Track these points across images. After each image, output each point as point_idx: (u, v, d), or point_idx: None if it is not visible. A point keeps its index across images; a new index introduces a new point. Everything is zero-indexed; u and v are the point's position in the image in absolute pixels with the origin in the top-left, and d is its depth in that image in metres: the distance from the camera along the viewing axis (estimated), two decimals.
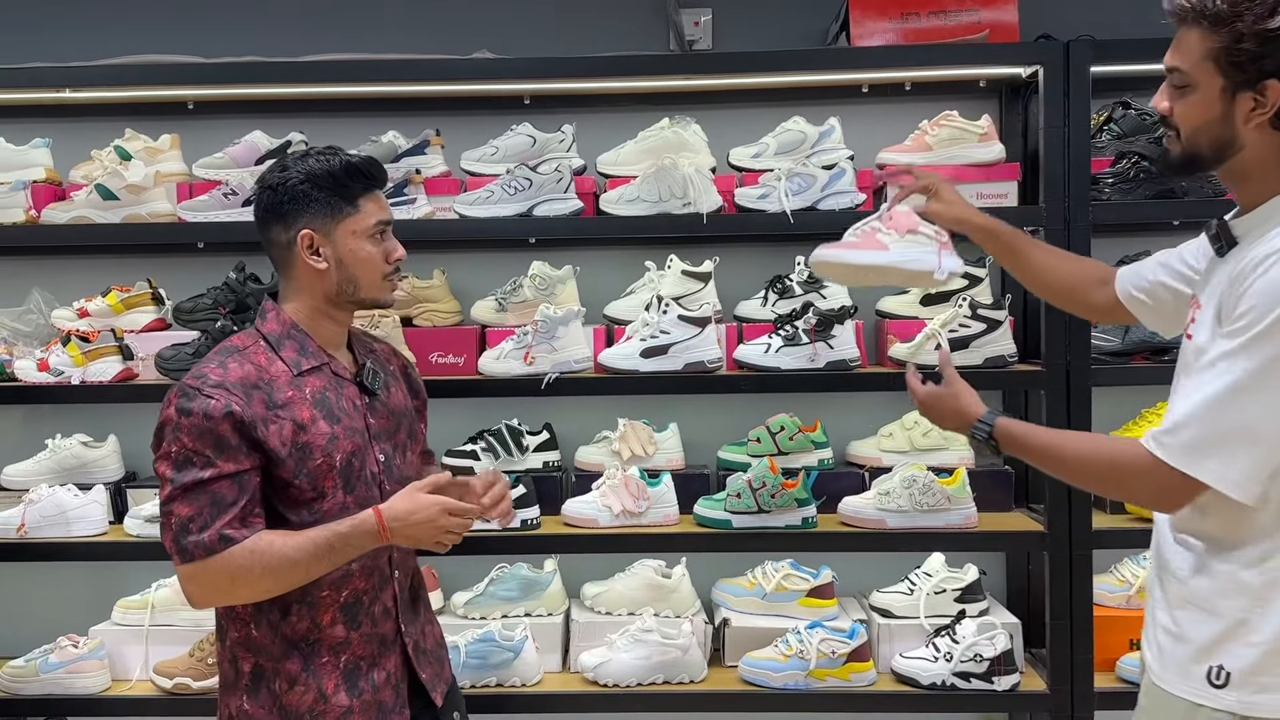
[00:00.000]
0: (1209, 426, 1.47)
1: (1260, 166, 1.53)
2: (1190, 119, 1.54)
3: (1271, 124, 1.50)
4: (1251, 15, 1.45)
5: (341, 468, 1.80)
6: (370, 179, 1.87)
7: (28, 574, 3.02)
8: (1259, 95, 1.48)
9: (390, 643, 1.88)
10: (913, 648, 2.67)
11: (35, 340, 2.93)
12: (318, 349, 1.86)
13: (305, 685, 1.80)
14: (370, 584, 1.85)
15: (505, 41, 2.94)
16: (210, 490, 1.70)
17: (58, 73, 2.79)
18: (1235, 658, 1.52)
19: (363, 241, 1.84)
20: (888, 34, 2.82)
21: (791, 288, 2.82)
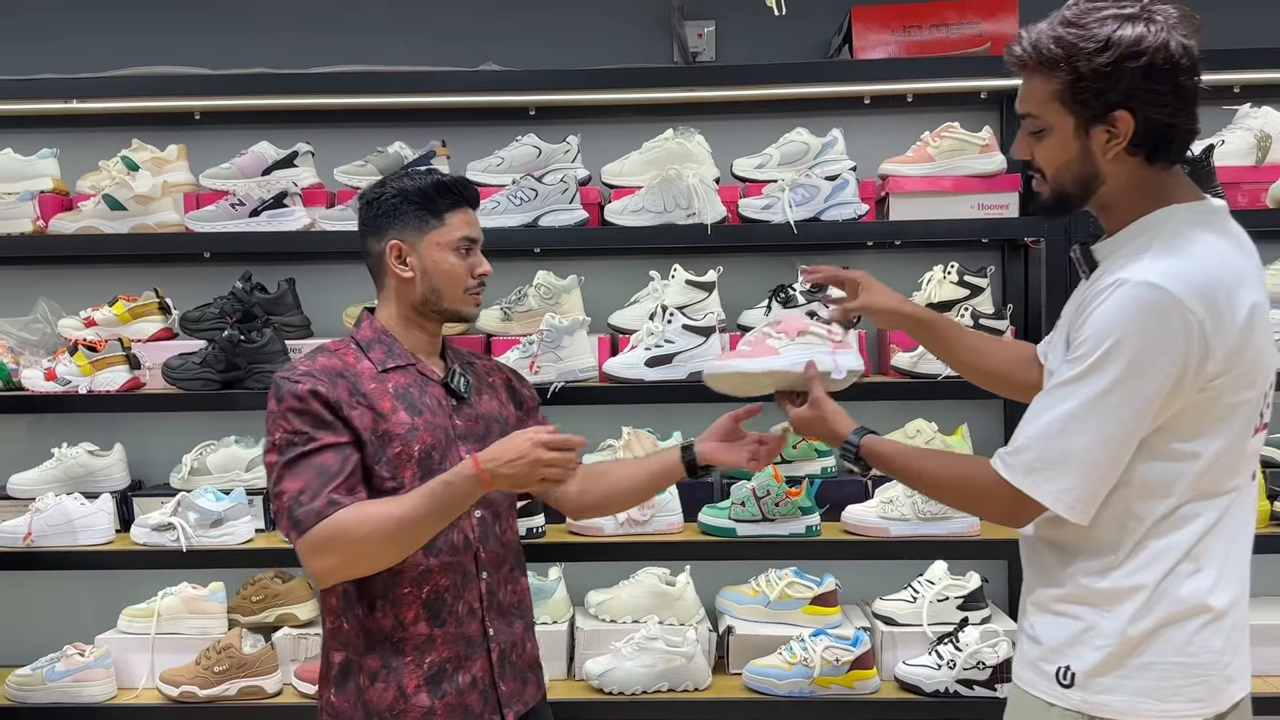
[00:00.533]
0: (1046, 450, 1.53)
1: (1121, 195, 1.57)
2: (1051, 161, 1.58)
3: (1128, 152, 1.53)
4: (1084, 55, 1.48)
5: (420, 458, 1.85)
6: (458, 196, 1.95)
7: (34, 582, 3.02)
8: (1111, 127, 1.51)
9: (477, 645, 1.89)
10: (916, 655, 2.68)
11: (42, 349, 2.94)
12: (405, 352, 1.94)
13: (385, 682, 1.84)
14: (452, 581, 1.87)
15: (511, 54, 2.96)
16: (314, 463, 1.77)
17: (65, 84, 2.81)
18: (1080, 660, 1.58)
19: (447, 253, 1.92)
20: (890, 46, 2.85)
21: (795, 297, 2.83)
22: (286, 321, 2.88)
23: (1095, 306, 1.50)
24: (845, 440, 1.80)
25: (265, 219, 2.78)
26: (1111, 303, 1.48)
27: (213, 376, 2.75)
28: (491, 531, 1.93)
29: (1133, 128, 1.50)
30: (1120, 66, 1.47)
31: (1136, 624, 1.55)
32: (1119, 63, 1.47)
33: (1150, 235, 1.53)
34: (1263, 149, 2.79)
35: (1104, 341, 1.47)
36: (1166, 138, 1.52)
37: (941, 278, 2.83)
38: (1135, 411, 1.49)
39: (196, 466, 2.89)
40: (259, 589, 2.86)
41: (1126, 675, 1.56)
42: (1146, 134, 1.51)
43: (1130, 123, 1.50)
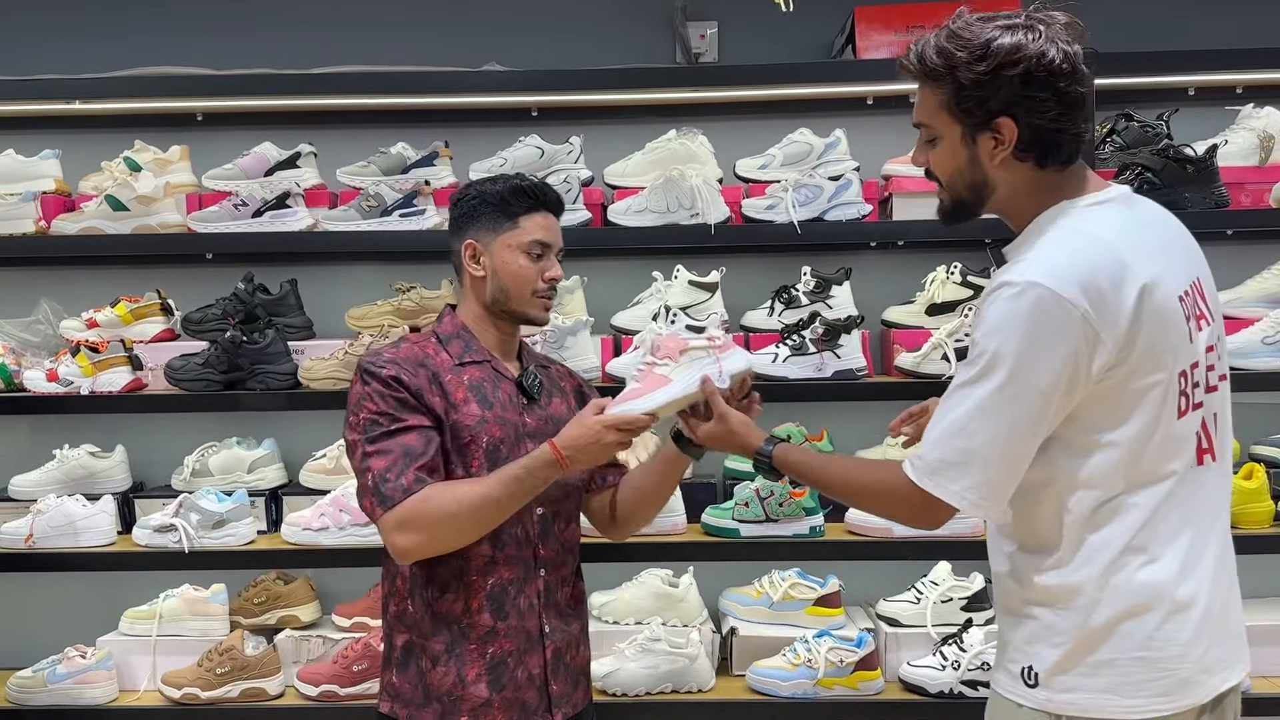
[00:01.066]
0: (947, 451, 1.53)
1: (1015, 198, 1.59)
2: (944, 168, 1.61)
3: (1017, 157, 1.55)
4: (963, 64, 1.51)
5: (487, 450, 1.88)
6: (535, 200, 1.97)
7: (35, 584, 3.01)
8: (996, 134, 1.54)
9: (534, 641, 1.91)
10: (920, 656, 2.67)
11: (44, 351, 2.94)
12: (482, 348, 1.98)
13: (446, 667, 1.88)
14: (515, 574, 1.90)
15: (513, 54, 2.96)
16: (400, 442, 1.82)
17: (68, 84, 2.81)
18: (1041, 658, 1.57)
19: (517, 255, 1.95)
20: (893, 46, 2.85)
21: (798, 298, 2.83)
22: (289, 323, 2.88)
23: (984, 308, 1.53)
24: (757, 450, 1.80)
25: (268, 220, 2.78)
26: (997, 304, 1.50)
27: (215, 377, 2.75)
28: (551, 530, 1.96)
29: (1016, 134, 1.53)
30: (998, 75, 1.50)
31: (1090, 619, 1.54)
32: (997, 71, 1.50)
33: (1036, 234, 1.56)
34: (1266, 149, 2.80)
35: (992, 342, 1.50)
36: (1053, 142, 1.54)
37: (945, 278, 2.83)
38: (1029, 407, 1.50)
39: (198, 468, 2.88)
40: (261, 590, 2.85)
41: (1087, 673, 1.55)
42: (1032, 140, 1.54)
43: (1014, 129, 1.53)
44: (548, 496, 1.91)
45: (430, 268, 2.88)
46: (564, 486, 1.96)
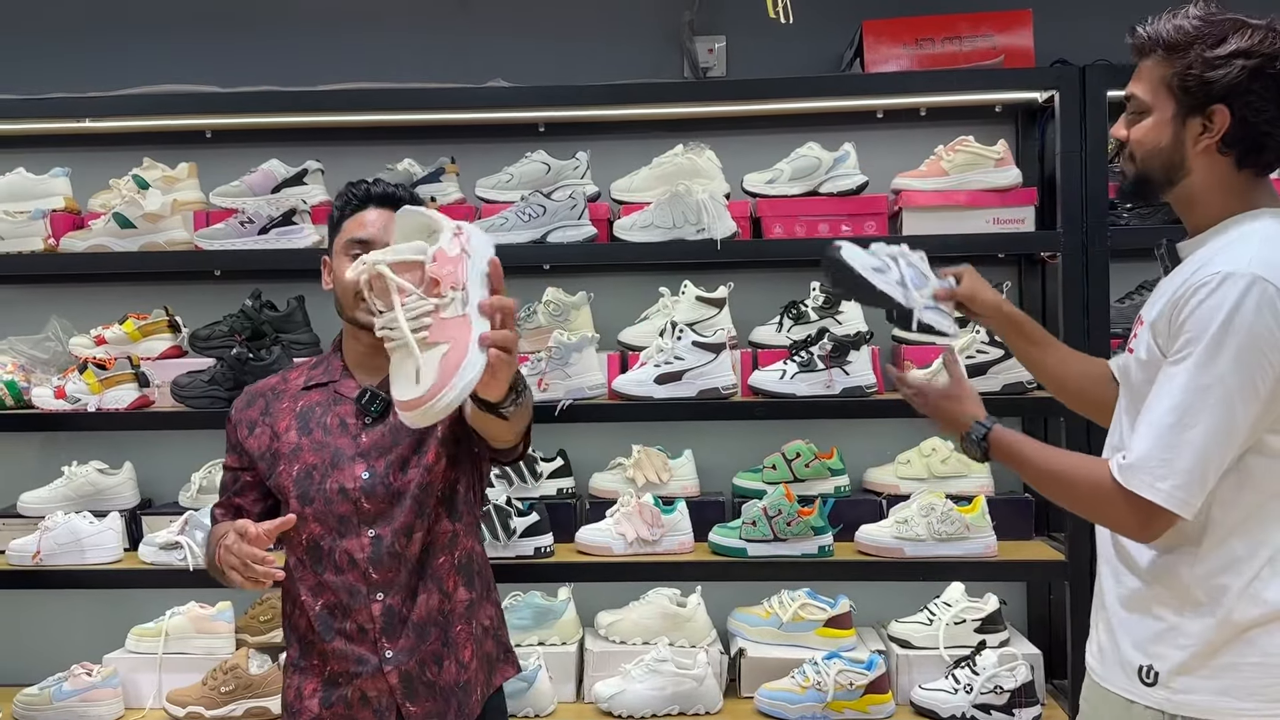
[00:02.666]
0: (1159, 444, 1.51)
1: (1206, 192, 1.61)
2: (1145, 143, 1.63)
3: (1219, 150, 1.58)
4: (1202, 44, 1.55)
5: (298, 477, 1.87)
6: (353, 200, 1.90)
7: (42, 601, 3.02)
8: (1207, 121, 1.57)
9: (371, 667, 1.84)
10: (932, 679, 2.63)
11: (53, 367, 2.95)
12: (337, 368, 1.95)
13: (292, 679, 1.91)
14: (340, 598, 1.85)
15: (520, 70, 2.95)
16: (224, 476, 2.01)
17: (77, 103, 2.82)
18: (1163, 659, 1.59)
19: (342, 260, 1.88)
20: (902, 60, 2.82)
21: (806, 313, 2.80)
22: (295, 339, 2.87)
23: (1199, 300, 1.51)
24: (976, 420, 1.74)
25: (274, 236, 2.78)
26: (1218, 295, 1.49)
27: (221, 394, 2.74)
28: (389, 550, 1.84)
29: (1228, 124, 1.56)
30: (1230, 61, 1.54)
31: (1223, 626, 1.56)
32: (1230, 58, 1.54)
33: (1244, 233, 1.57)
34: None
35: (1210, 332, 1.49)
36: (1259, 144, 1.57)
37: None
38: (1245, 401, 1.49)
39: (205, 485, 2.87)
40: (267, 609, 2.84)
41: (1209, 675, 1.57)
42: (1240, 135, 1.56)
43: (1226, 118, 1.55)
44: (378, 515, 1.83)
45: None
46: (398, 501, 1.83)
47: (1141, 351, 1.62)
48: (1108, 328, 2.60)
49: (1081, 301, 2.62)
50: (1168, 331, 1.56)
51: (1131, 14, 2.44)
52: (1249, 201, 1.60)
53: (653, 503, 2.69)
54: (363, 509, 1.85)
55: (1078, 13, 2.95)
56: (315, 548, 1.86)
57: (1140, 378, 1.62)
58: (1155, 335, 1.59)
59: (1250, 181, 1.60)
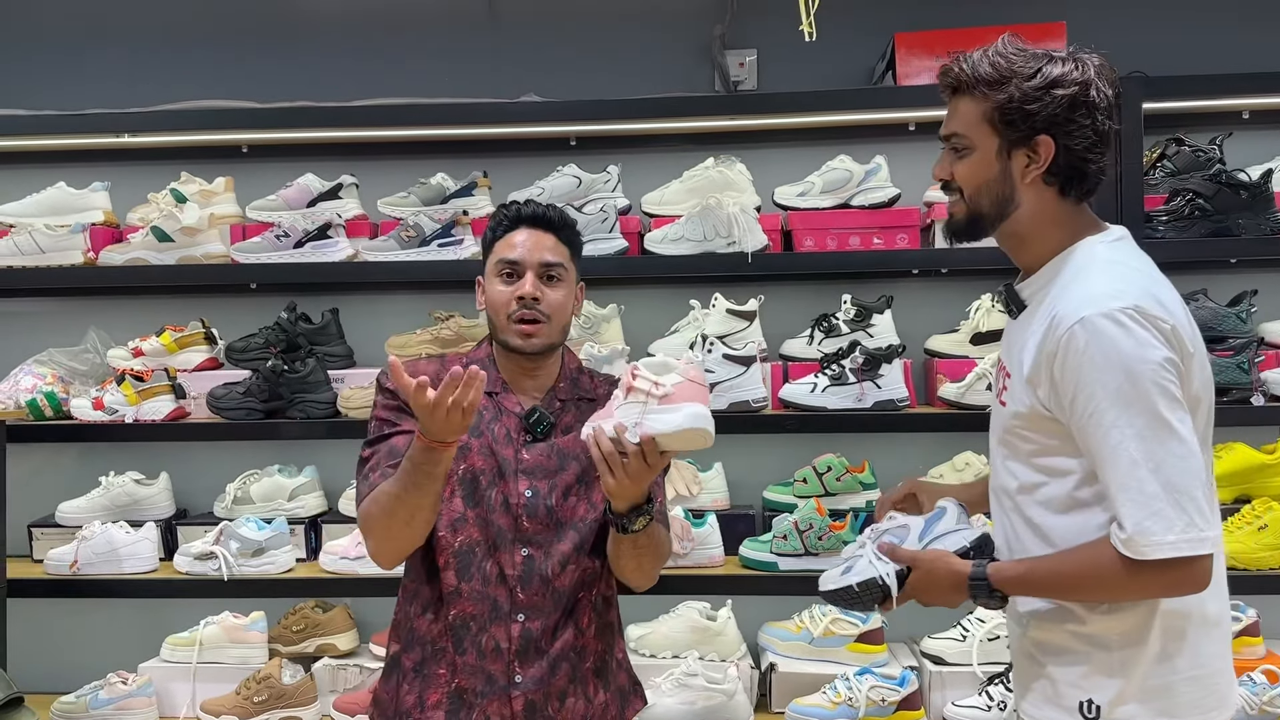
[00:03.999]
0: (1152, 506, 1.45)
1: (1037, 225, 1.62)
2: (972, 178, 1.63)
3: (1044, 180, 1.60)
4: (1019, 77, 1.58)
5: (462, 477, 1.84)
6: (505, 220, 1.89)
7: (79, 610, 3.05)
8: (1032, 152, 1.59)
9: (499, 687, 1.81)
10: (965, 696, 2.60)
11: (91, 379, 2.99)
12: (496, 379, 1.91)
13: (412, 685, 1.85)
14: (479, 610, 1.83)
15: (551, 84, 2.97)
16: (388, 444, 1.84)
17: (116, 118, 2.87)
18: (1102, 690, 1.57)
19: (493, 281, 1.89)
20: (933, 72, 2.78)
21: (838, 326, 2.79)
22: (330, 351, 2.90)
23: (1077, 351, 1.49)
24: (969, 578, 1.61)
25: (310, 250, 2.81)
26: (1092, 343, 1.48)
27: (256, 406, 2.77)
28: (539, 573, 1.83)
29: (1052, 153, 1.58)
30: (1049, 93, 1.57)
31: (1147, 647, 1.55)
32: (1048, 89, 1.57)
33: (1079, 267, 1.58)
34: None
35: (1112, 379, 1.47)
36: (1080, 171, 1.60)
37: (990, 306, 2.77)
38: (1180, 417, 1.48)
39: (240, 495, 2.90)
40: (300, 619, 2.86)
41: (1145, 699, 1.55)
42: (1064, 164, 1.58)
43: (1051, 148, 1.58)
44: (533, 538, 1.83)
45: (468, 296, 2.83)
46: (559, 528, 1.83)
47: (1019, 405, 1.59)
48: None
49: None
50: (1049, 386, 1.53)
51: (1165, 26, 2.43)
52: (1075, 231, 1.61)
53: (683, 516, 2.69)
54: (522, 526, 1.84)
55: (1111, 25, 2.93)
56: (468, 553, 1.83)
57: (1017, 425, 1.60)
58: (1034, 389, 1.56)
59: (1073, 210, 1.62)
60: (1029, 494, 1.62)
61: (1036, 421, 1.57)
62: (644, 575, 1.89)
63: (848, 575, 1.73)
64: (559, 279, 1.88)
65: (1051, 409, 1.55)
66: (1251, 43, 2.94)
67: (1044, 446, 1.58)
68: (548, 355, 1.90)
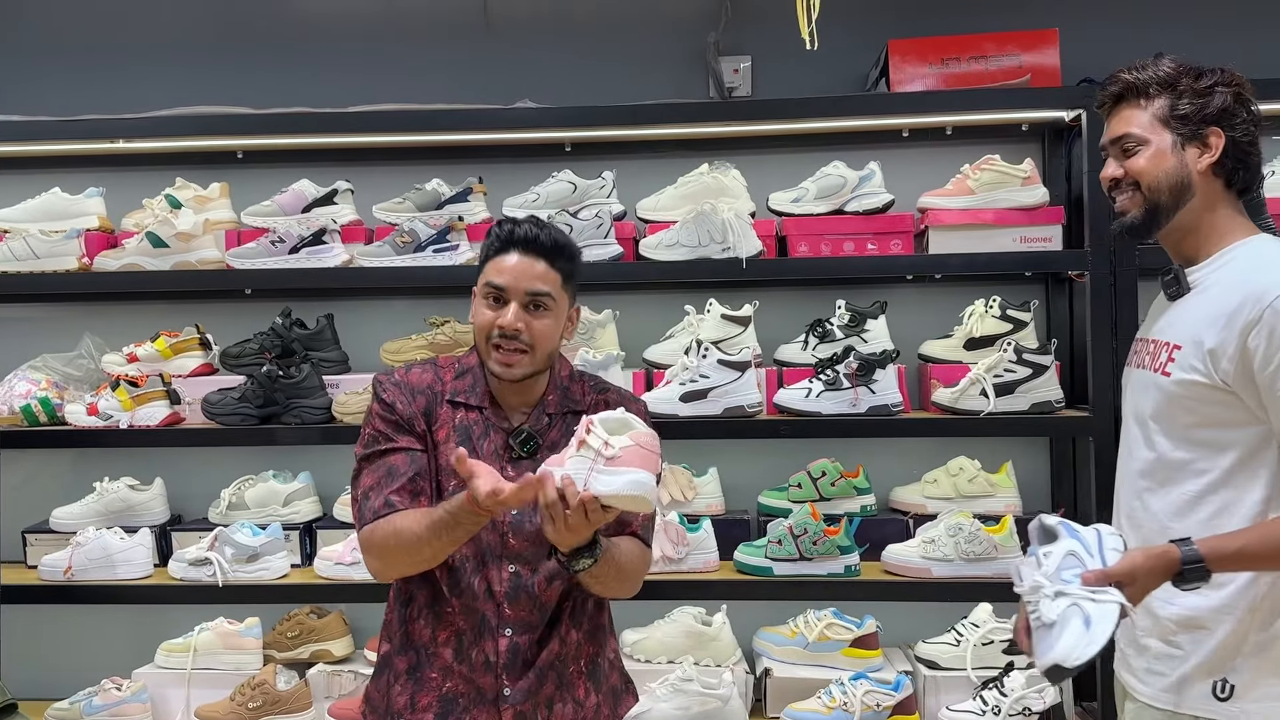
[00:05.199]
0: None
1: (1209, 215, 1.75)
2: (1151, 169, 1.76)
3: (1213, 171, 1.74)
4: (1187, 78, 1.76)
5: (451, 493, 1.82)
6: (498, 241, 1.86)
7: (73, 616, 3.05)
8: (1203, 145, 1.75)
9: (488, 699, 1.83)
10: (960, 700, 2.60)
11: (86, 385, 2.99)
12: (484, 393, 1.90)
13: (404, 686, 1.87)
14: (468, 625, 1.84)
15: (546, 90, 2.98)
16: (387, 462, 1.84)
17: (111, 124, 2.86)
18: (1238, 670, 1.63)
19: (479, 303, 1.88)
20: (927, 79, 2.82)
21: (832, 331, 2.80)
22: (325, 357, 2.90)
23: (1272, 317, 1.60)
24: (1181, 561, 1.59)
25: (305, 256, 2.81)
26: None
27: (251, 411, 2.77)
28: (526, 589, 1.84)
29: (1223, 144, 1.73)
30: (1215, 89, 1.74)
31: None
32: (1214, 86, 1.75)
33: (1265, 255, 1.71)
34: None
35: None
36: (1245, 162, 1.75)
37: (984, 312, 2.78)
38: None
39: (235, 501, 2.90)
40: (294, 624, 2.86)
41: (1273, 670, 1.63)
42: (1231, 153, 1.74)
43: (1222, 139, 1.73)
44: (520, 554, 1.84)
45: (464, 302, 2.82)
46: (544, 545, 1.77)
47: (1191, 375, 1.69)
48: None
49: (1110, 320, 2.61)
50: (1238, 355, 1.63)
51: (1157, 33, 2.46)
52: (1242, 223, 1.76)
53: (678, 521, 2.69)
54: (509, 543, 1.85)
55: (1104, 32, 2.95)
56: (459, 568, 1.84)
57: (1184, 395, 1.70)
58: (1218, 359, 1.65)
59: (1235, 203, 1.77)
60: (1178, 470, 1.70)
61: (1206, 392, 1.67)
62: (612, 594, 1.90)
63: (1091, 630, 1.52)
64: (546, 308, 1.85)
65: (1230, 381, 1.64)
66: (1244, 50, 2.94)
67: (1207, 418, 1.68)
68: (532, 376, 1.89)
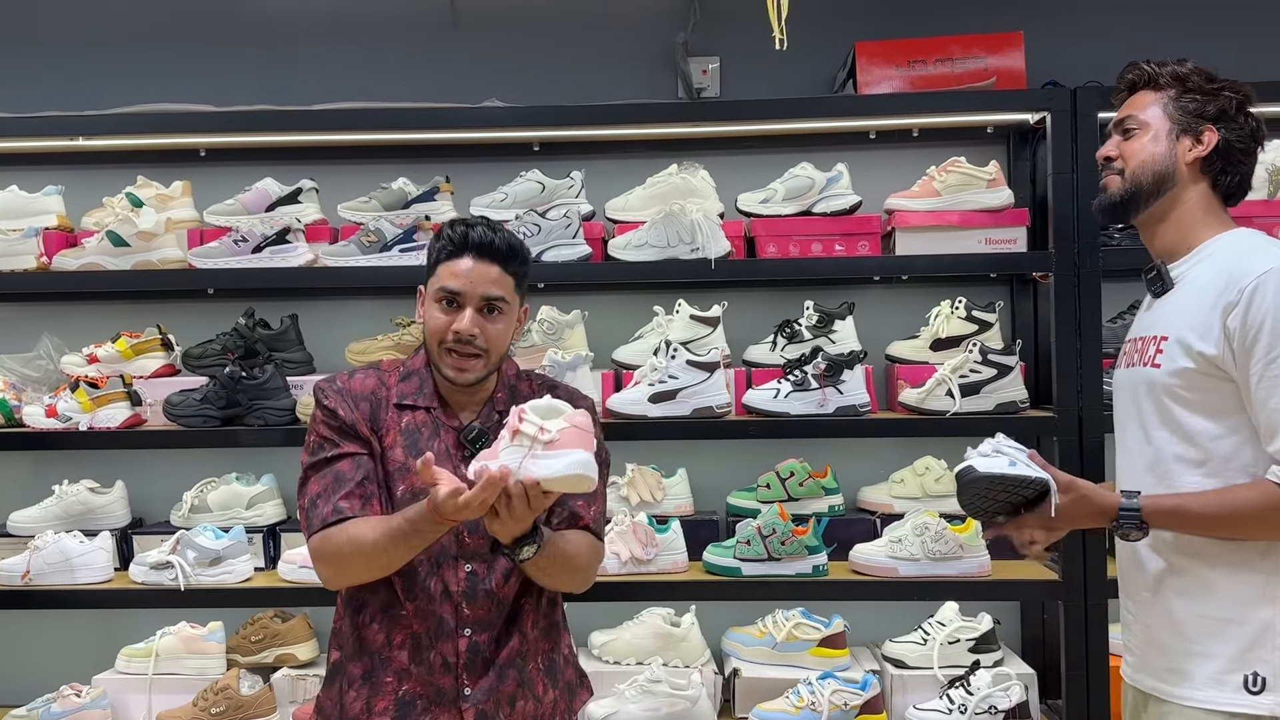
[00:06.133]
0: None
1: (1186, 209, 1.79)
2: (1138, 153, 1.81)
3: (1202, 169, 1.79)
4: (1199, 76, 1.82)
5: (401, 498, 1.84)
6: (452, 244, 1.86)
7: (31, 621, 2.99)
8: (1197, 139, 1.79)
9: (448, 699, 1.83)
10: (927, 699, 2.62)
11: (45, 386, 2.93)
12: (431, 394, 1.91)
13: (359, 692, 1.85)
14: (426, 628, 1.84)
15: (514, 90, 2.97)
16: (334, 469, 1.84)
17: (71, 121, 2.82)
18: (1267, 662, 1.63)
19: (431, 306, 1.88)
20: (894, 81, 2.84)
21: (800, 332, 2.81)
22: (289, 358, 2.87)
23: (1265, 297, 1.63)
24: (1122, 508, 1.70)
25: (268, 255, 2.77)
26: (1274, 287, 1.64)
27: (213, 413, 2.74)
28: (484, 588, 1.85)
29: (1215, 143, 1.77)
30: (1222, 92, 1.81)
31: None
32: (1222, 89, 1.81)
33: (1245, 245, 1.74)
34: (1275, 183, 2.76)
35: None
36: (1234, 165, 1.79)
37: (949, 313, 2.80)
38: None
39: (197, 504, 2.86)
40: (258, 629, 2.82)
41: None
42: (1222, 154, 1.78)
43: (1215, 137, 1.78)
44: (476, 553, 1.84)
45: None
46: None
47: (1181, 363, 1.72)
48: (1099, 347, 2.61)
49: (1074, 321, 2.63)
50: (1221, 338, 1.67)
51: (1121, 38, 2.50)
52: (1221, 221, 1.80)
53: (647, 522, 2.69)
54: (464, 542, 1.84)
55: (1069, 35, 2.98)
56: (412, 572, 1.83)
57: (1175, 384, 1.73)
58: (1203, 345, 1.68)
59: (1219, 205, 1.81)
60: (1178, 462, 1.72)
61: (1198, 379, 1.70)
62: (563, 586, 1.90)
63: (1014, 468, 1.70)
64: (500, 311, 1.87)
65: (1219, 363, 1.68)
66: (1206, 53, 2.99)
67: (1203, 406, 1.70)
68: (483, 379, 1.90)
